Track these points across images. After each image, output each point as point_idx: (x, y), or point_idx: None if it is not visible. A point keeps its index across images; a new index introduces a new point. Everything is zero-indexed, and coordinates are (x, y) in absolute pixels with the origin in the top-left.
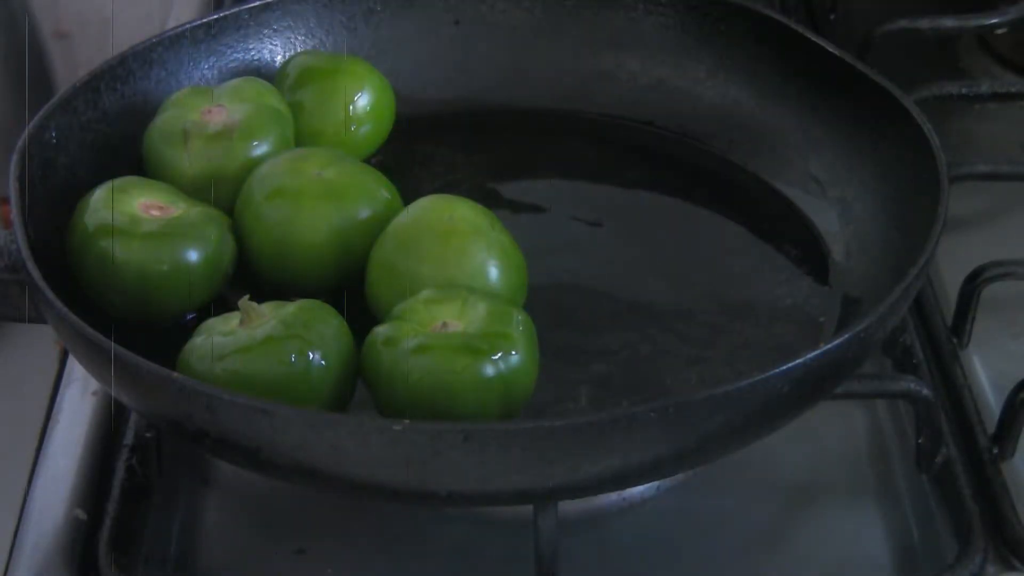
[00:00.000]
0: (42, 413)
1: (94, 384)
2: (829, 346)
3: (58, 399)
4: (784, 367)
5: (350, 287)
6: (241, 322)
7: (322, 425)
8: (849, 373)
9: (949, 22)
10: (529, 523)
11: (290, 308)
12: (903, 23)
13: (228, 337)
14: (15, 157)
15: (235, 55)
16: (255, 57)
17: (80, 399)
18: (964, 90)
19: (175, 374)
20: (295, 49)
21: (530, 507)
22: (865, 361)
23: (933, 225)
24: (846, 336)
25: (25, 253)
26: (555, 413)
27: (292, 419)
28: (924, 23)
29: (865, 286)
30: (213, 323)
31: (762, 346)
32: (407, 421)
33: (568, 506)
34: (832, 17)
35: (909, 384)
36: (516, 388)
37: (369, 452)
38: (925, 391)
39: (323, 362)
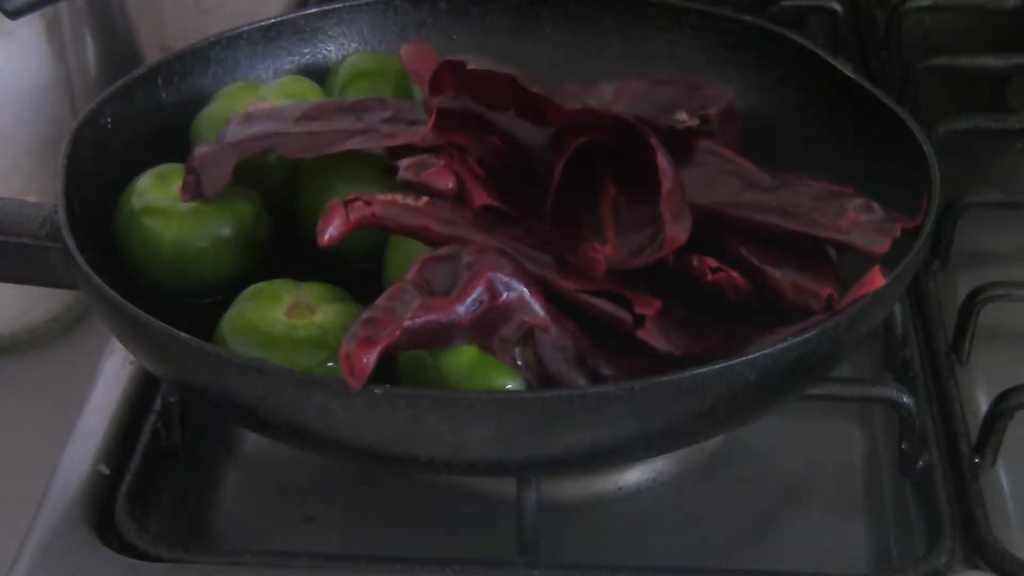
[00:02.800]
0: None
1: None
2: (795, 339)
3: (99, 366)
4: (749, 356)
5: None
6: None
7: (310, 385)
8: (822, 371)
9: (989, 60)
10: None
11: None
12: (943, 59)
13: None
14: (68, 137)
15: (290, 57)
16: (309, 60)
17: (119, 367)
18: (993, 124)
19: (179, 333)
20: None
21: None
22: (839, 361)
23: (914, 244)
24: (811, 332)
25: (63, 222)
26: None
27: (283, 378)
28: (964, 60)
29: None
30: None
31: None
32: (388, 385)
33: (564, 491)
34: (883, 54)
35: (891, 391)
36: None
37: (353, 414)
38: (906, 398)
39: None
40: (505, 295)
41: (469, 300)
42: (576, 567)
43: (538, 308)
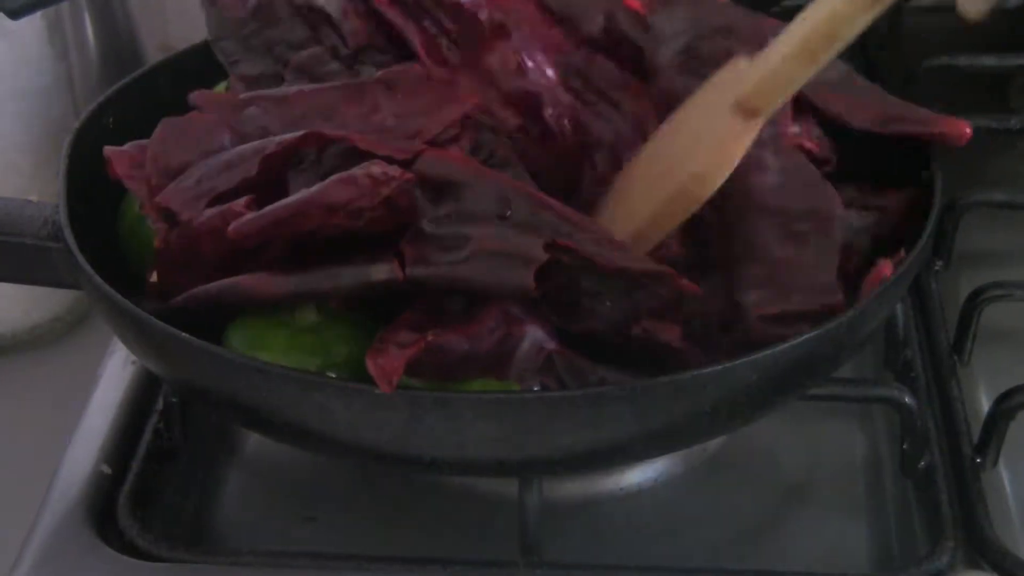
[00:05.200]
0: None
1: None
2: (797, 340)
3: (101, 366)
4: (751, 357)
5: None
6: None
7: (311, 385)
8: (824, 371)
9: (989, 60)
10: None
11: None
12: (944, 59)
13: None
14: (69, 137)
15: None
16: None
17: (121, 367)
18: (993, 124)
19: (180, 332)
20: None
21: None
22: (841, 361)
23: (916, 241)
24: (813, 333)
25: (64, 222)
26: None
27: (284, 378)
28: (963, 60)
29: None
30: None
31: None
32: None
33: (565, 491)
34: (883, 54)
35: (892, 391)
36: None
37: (353, 414)
38: (907, 398)
39: None
40: (517, 323)
41: (487, 327)
42: (577, 567)
43: (548, 334)
